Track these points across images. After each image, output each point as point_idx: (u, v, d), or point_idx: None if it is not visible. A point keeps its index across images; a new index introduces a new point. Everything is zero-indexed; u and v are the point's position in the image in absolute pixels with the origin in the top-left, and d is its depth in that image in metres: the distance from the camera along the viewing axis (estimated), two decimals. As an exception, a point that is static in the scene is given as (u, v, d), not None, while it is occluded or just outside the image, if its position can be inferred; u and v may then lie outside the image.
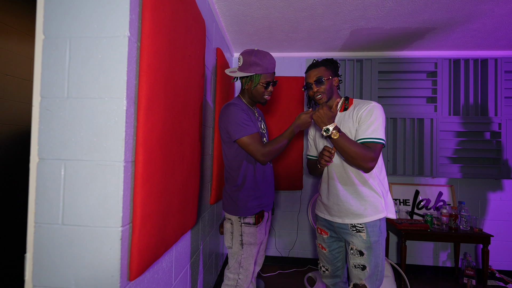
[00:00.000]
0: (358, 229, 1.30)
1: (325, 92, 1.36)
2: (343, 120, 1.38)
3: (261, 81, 1.39)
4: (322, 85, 1.35)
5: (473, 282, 2.39)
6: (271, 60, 1.40)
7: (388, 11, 1.97)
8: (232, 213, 1.41)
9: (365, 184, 1.32)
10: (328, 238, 1.45)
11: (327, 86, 1.36)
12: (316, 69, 1.38)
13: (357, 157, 1.21)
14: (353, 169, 1.33)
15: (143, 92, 0.89)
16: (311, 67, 1.40)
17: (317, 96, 1.37)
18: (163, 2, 0.98)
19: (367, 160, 1.21)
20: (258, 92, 1.42)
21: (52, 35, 0.85)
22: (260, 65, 1.37)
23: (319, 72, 1.37)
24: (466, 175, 2.58)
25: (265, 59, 1.38)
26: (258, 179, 1.40)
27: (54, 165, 0.84)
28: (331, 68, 1.39)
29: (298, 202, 2.87)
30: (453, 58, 2.63)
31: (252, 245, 1.39)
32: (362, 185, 1.32)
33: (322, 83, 1.35)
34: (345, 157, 1.25)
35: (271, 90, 1.44)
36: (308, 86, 1.40)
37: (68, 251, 0.83)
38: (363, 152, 1.21)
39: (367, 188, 1.31)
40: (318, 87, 1.36)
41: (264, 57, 1.38)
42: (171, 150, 1.10)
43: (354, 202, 1.32)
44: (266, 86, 1.40)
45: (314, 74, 1.38)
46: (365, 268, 1.29)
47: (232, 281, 1.41)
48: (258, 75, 1.38)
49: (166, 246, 1.10)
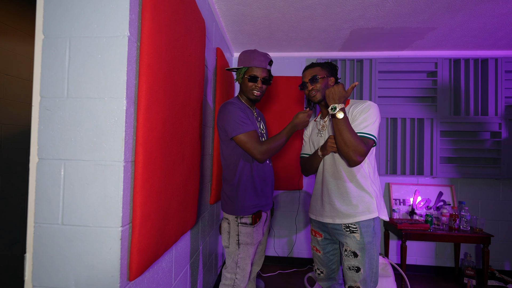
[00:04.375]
0: (352, 229, 1.30)
1: (319, 90, 1.38)
2: None
3: (246, 73, 1.43)
4: (317, 83, 1.38)
5: (473, 282, 2.39)
6: (260, 57, 1.43)
7: (388, 11, 1.97)
8: (229, 213, 1.41)
9: (357, 184, 1.32)
10: (322, 240, 1.45)
11: (322, 84, 1.38)
12: (312, 69, 1.41)
13: (351, 145, 1.19)
14: (345, 168, 1.33)
15: (143, 92, 0.89)
16: (307, 68, 1.44)
17: (312, 93, 1.39)
18: (163, 2, 0.98)
19: (358, 152, 1.20)
20: (246, 86, 1.45)
21: (52, 35, 0.85)
22: (246, 59, 1.43)
23: (314, 71, 1.40)
24: (466, 175, 2.58)
25: (253, 54, 1.43)
26: (255, 178, 1.41)
27: (54, 165, 0.84)
28: (327, 69, 1.42)
29: (298, 202, 2.87)
30: (453, 58, 2.63)
31: (249, 245, 1.39)
32: (354, 185, 1.32)
33: (317, 81, 1.38)
34: (339, 142, 1.23)
35: (259, 86, 1.43)
36: (304, 84, 1.43)
37: (68, 251, 0.83)
38: (357, 143, 1.20)
39: (358, 188, 1.32)
40: (313, 85, 1.39)
41: (252, 53, 1.43)
42: (171, 150, 1.10)
43: (346, 202, 1.32)
44: (250, 79, 1.42)
45: (309, 73, 1.41)
46: (359, 270, 1.28)
47: (229, 280, 1.41)
48: (244, 68, 1.44)
49: (166, 246, 1.10)
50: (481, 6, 1.87)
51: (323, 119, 1.47)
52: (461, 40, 2.45)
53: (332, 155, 1.37)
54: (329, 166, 1.38)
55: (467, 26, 2.18)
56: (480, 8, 1.90)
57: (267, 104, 2.77)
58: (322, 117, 1.49)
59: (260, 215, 1.42)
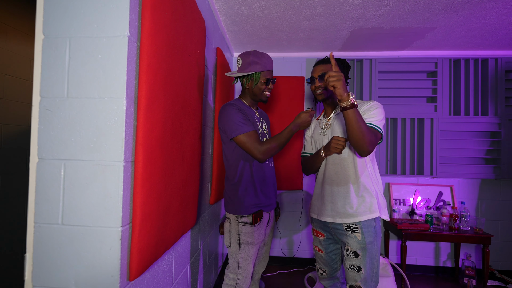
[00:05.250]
0: (353, 229, 1.30)
1: (327, 89, 1.33)
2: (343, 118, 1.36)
3: (261, 78, 1.43)
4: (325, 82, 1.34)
5: (473, 282, 2.39)
6: (269, 58, 1.45)
7: (388, 11, 1.97)
8: (231, 212, 1.43)
9: (359, 184, 1.31)
10: (324, 240, 1.45)
11: None
12: (324, 65, 1.36)
13: (364, 136, 1.13)
14: (350, 167, 1.32)
15: (143, 92, 0.89)
16: (319, 62, 1.38)
17: (317, 91, 1.36)
18: (163, 2, 0.98)
19: (370, 142, 1.15)
20: (259, 90, 1.45)
21: (52, 35, 0.85)
22: (259, 63, 1.41)
23: (326, 68, 1.34)
24: (466, 175, 2.58)
25: (263, 58, 1.43)
26: (255, 178, 1.41)
27: (54, 165, 0.84)
28: (339, 67, 1.35)
29: (299, 202, 2.87)
30: (453, 58, 2.63)
31: (250, 245, 1.39)
32: (356, 184, 1.31)
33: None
34: (351, 133, 1.14)
35: (271, 87, 1.47)
36: (312, 79, 1.38)
37: (68, 251, 0.83)
38: (369, 133, 1.15)
39: (361, 187, 1.31)
40: (321, 83, 1.34)
41: (262, 55, 1.43)
42: (171, 150, 1.10)
43: (348, 201, 1.31)
44: (266, 83, 1.44)
45: (320, 69, 1.36)
46: (360, 269, 1.28)
47: (232, 281, 1.42)
48: (258, 73, 1.42)
49: (166, 246, 1.10)
50: (481, 6, 1.87)
51: (327, 118, 1.44)
52: (461, 40, 2.45)
53: (332, 158, 1.36)
54: (331, 165, 1.37)
55: (467, 26, 2.18)
56: (480, 8, 1.90)
57: (268, 104, 2.77)
58: (325, 115, 1.46)
59: (261, 215, 1.42)
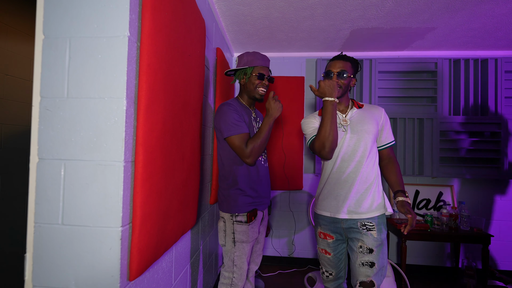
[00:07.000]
0: (369, 227, 1.31)
1: (342, 87, 1.34)
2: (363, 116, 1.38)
3: (253, 72, 1.46)
4: (343, 80, 1.34)
5: (473, 282, 2.39)
6: (264, 57, 1.50)
7: (388, 11, 1.97)
8: (225, 211, 1.43)
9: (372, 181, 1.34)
10: (333, 242, 1.42)
11: (346, 82, 1.35)
12: (344, 62, 1.36)
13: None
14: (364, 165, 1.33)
15: (143, 92, 0.89)
16: (339, 57, 1.38)
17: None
18: (163, 2, 0.98)
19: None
20: (253, 85, 1.47)
21: (52, 35, 0.85)
22: (252, 58, 1.47)
23: (345, 66, 1.35)
24: (466, 175, 2.58)
25: (257, 54, 1.48)
26: (248, 178, 1.42)
27: (54, 165, 0.84)
28: (355, 68, 1.39)
29: (298, 202, 2.87)
30: (453, 58, 2.63)
31: (244, 243, 1.40)
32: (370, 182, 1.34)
33: (344, 78, 1.34)
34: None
35: (265, 84, 1.47)
36: (329, 74, 1.36)
37: (68, 251, 0.83)
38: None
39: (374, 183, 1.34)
40: (338, 80, 1.34)
41: (256, 53, 1.48)
42: (171, 150, 1.10)
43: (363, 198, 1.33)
44: (259, 77, 1.45)
45: (339, 66, 1.35)
46: (373, 265, 1.29)
47: (227, 279, 1.43)
48: (251, 67, 1.47)
49: (166, 246, 1.10)
50: (481, 6, 1.87)
51: (343, 114, 1.41)
52: (461, 40, 2.45)
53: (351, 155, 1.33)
54: (343, 163, 1.35)
55: (467, 26, 2.18)
56: (480, 8, 1.90)
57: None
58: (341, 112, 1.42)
59: (256, 214, 1.43)
